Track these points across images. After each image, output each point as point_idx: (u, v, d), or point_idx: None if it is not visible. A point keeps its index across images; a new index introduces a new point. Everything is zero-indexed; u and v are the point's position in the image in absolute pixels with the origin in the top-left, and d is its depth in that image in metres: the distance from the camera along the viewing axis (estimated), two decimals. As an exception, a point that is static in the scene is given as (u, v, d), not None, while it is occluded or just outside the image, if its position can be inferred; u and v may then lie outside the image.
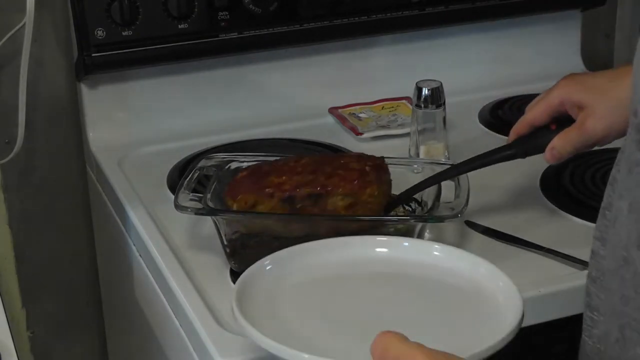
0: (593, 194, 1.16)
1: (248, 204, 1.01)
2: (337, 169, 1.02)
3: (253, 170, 1.05)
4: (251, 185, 1.02)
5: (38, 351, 1.53)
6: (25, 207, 1.45)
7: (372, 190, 1.00)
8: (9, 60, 1.36)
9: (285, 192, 1.00)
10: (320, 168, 1.02)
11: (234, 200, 1.01)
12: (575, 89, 1.04)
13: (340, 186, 1.00)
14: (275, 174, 1.02)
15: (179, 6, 1.30)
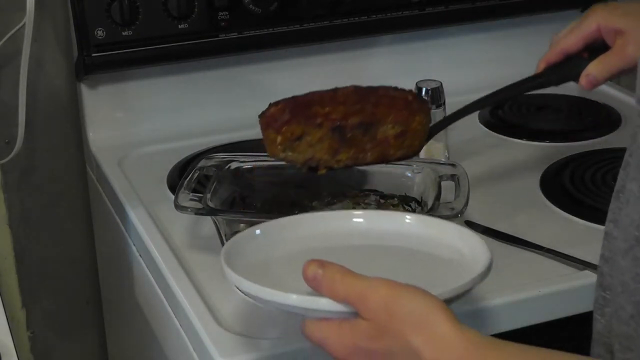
0: (593, 194, 1.16)
1: (294, 135, 0.96)
2: (380, 99, 0.98)
3: (290, 101, 0.99)
4: (295, 116, 0.96)
5: (38, 351, 1.53)
6: (25, 207, 1.45)
7: (420, 118, 0.98)
8: (9, 60, 1.36)
9: (334, 121, 0.96)
10: (363, 98, 0.98)
11: (277, 133, 0.96)
12: (612, 14, 1.03)
13: (390, 114, 0.97)
14: (319, 104, 0.97)
15: (179, 6, 1.30)
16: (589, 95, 1.50)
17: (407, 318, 0.70)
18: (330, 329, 0.74)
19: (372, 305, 0.71)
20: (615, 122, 1.40)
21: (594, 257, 1.01)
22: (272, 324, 0.95)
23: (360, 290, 0.72)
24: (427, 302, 0.71)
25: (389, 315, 0.70)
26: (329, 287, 0.73)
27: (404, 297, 0.71)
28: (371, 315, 0.71)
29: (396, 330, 0.70)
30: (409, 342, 0.69)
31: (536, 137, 1.35)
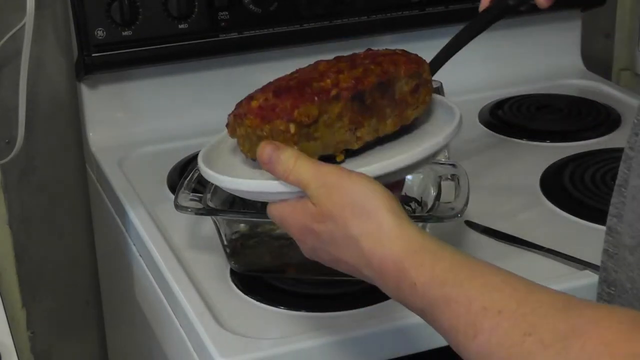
0: (593, 194, 1.16)
1: (311, 117, 0.82)
2: (376, 58, 0.89)
3: (271, 88, 0.87)
4: (302, 97, 0.83)
5: (38, 351, 1.53)
6: (25, 207, 1.45)
7: (426, 66, 0.94)
8: (9, 60, 1.36)
9: (352, 88, 0.84)
10: (360, 63, 0.88)
11: (289, 121, 0.81)
12: None
13: (400, 69, 0.88)
14: (315, 80, 0.85)
15: (179, 6, 1.30)
16: (589, 95, 1.50)
17: (347, 206, 0.73)
18: (286, 209, 0.78)
19: (319, 191, 0.75)
20: (615, 122, 1.40)
21: (594, 257, 1.01)
22: (272, 324, 0.95)
23: (309, 175, 0.76)
24: (370, 192, 0.73)
25: (332, 202, 0.74)
26: (282, 170, 0.77)
27: (348, 185, 0.74)
28: (317, 200, 0.75)
29: (337, 217, 0.73)
30: (349, 229, 0.72)
31: (536, 137, 1.35)
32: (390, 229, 0.71)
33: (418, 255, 0.70)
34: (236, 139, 0.88)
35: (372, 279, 0.73)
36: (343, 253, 0.74)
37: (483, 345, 0.63)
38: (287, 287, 1.00)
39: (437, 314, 0.68)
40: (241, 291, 1.00)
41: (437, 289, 0.67)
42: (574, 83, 1.56)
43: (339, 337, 0.91)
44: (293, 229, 0.78)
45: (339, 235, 0.74)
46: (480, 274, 0.67)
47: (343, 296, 0.98)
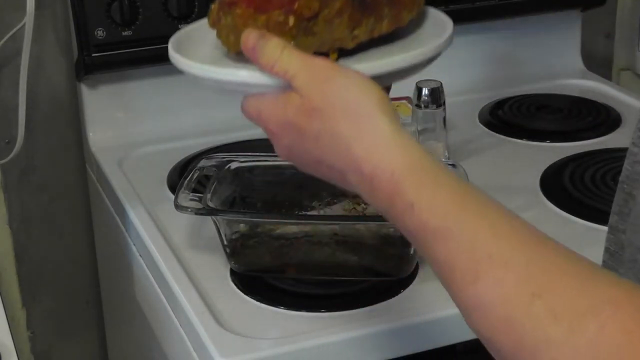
0: (593, 194, 1.16)
1: (312, 10, 0.77)
2: None
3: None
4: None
5: (38, 351, 1.53)
6: (25, 207, 1.45)
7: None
8: (9, 60, 1.36)
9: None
10: None
11: (288, 13, 0.76)
12: None
13: None
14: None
15: (179, 6, 1.30)
16: (589, 95, 1.50)
17: (339, 103, 0.67)
18: (265, 101, 0.73)
19: (308, 83, 0.69)
20: (615, 122, 1.40)
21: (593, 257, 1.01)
22: (272, 324, 0.95)
23: (297, 65, 0.70)
24: (365, 90, 0.68)
25: (322, 97, 0.68)
26: (267, 59, 0.71)
27: (341, 81, 0.68)
28: (305, 92, 0.69)
29: (326, 113, 0.68)
30: (339, 129, 0.67)
31: (536, 137, 1.35)
32: (387, 135, 0.65)
33: (419, 174, 0.64)
34: (216, 31, 0.82)
35: (357, 187, 0.67)
36: (327, 154, 0.69)
37: (483, 294, 0.58)
38: (287, 287, 1.00)
39: (431, 244, 0.62)
40: (241, 291, 1.00)
41: (437, 220, 0.62)
42: (574, 83, 1.56)
43: (339, 337, 0.91)
44: (271, 124, 0.73)
45: (326, 133, 0.68)
46: (486, 214, 0.62)
47: (343, 296, 0.98)
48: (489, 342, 0.59)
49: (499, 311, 0.58)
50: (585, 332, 0.53)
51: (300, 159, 0.73)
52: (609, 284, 0.57)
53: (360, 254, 1.00)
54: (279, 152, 0.74)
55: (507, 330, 0.57)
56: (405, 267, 1.00)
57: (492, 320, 0.58)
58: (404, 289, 0.98)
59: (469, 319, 0.61)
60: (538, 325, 0.55)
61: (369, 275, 1.01)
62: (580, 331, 0.54)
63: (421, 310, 0.95)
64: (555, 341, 0.54)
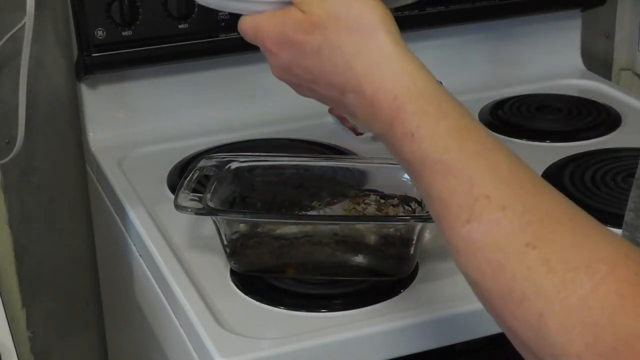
0: (593, 194, 1.16)
1: None
2: None
3: None
4: None
5: (38, 351, 1.53)
6: (25, 207, 1.45)
7: None
8: (9, 60, 1.36)
9: None
10: None
11: None
12: None
13: None
14: None
15: (179, 6, 1.30)
16: (589, 95, 1.50)
17: (342, 17, 0.66)
18: (263, 18, 0.70)
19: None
20: (615, 122, 1.40)
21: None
22: (272, 324, 0.95)
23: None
24: (369, 7, 0.66)
25: (325, 11, 0.66)
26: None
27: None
28: (306, 7, 0.67)
29: (329, 27, 0.66)
30: (341, 45, 0.65)
31: (536, 137, 1.35)
32: (391, 56, 0.64)
33: (423, 100, 0.62)
34: None
35: (355, 107, 0.66)
36: (327, 71, 0.67)
37: (475, 236, 0.57)
38: (287, 287, 1.00)
39: (428, 178, 0.61)
40: (241, 291, 1.00)
41: (437, 153, 0.60)
42: (574, 83, 1.56)
43: (339, 337, 0.91)
44: (268, 41, 0.70)
45: (328, 48, 0.66)
46: (488, 153, 0.61)
47: (343, 296, 0.98)
48: (476, 285, 0.58)
49: (490, 255, 0.57)
50: (577, 288, 0.52)
51: (297, 77, 0.70)
52: (606, 242, 0.55)
53: (360, 254, 1.01)
54: (275, 72, 0.72)
55: (497, 276, 0.56)
56: (405, 267, 1.00)
57: (482, 263, 0.57)
58: (404, 289, 0.98)
59: (457, 258, 0.59)
60: (530, 275, 0.54)
61: (369, 275, 1.01)
62: (572, 287, 0.52)
63: (421, 310, 0.95)
64: (545, 293, 0.53)
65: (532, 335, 0.54)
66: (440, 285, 0.99)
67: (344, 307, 0.96)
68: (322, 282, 1.00)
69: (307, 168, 1.10)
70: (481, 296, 0.58)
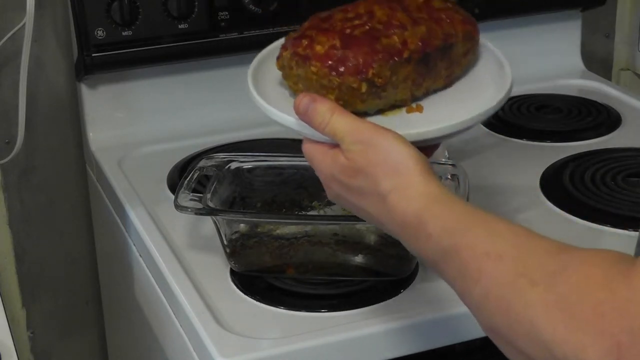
0: (593, 194, 1.16)
1: (385, 79, 0.84)
2: (434, 14, 0.90)
3: (345, 34, 0.85)
4: (374, 53, 0.84)
5: (38, 351, 1.53)
6: (25, 207, 1.45)
7: (477, 27, 0.94)
8: (9, 60, 1.36)
9: (421, 50, 0.86)
10: (419, 17, 0.88)
11: (363, 80, 0.83)
12: None
13: (457, 29, 0.91)
14: (383, 35, 0.85)
15: (179, 6, 1.30)
16: (589, 95, 1.50)
17: (380, 165, 0.77)
18: (317, 152, 0.83)
19: (353, 146, 0.79)
20: (615, 122, 1.40)
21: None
22: (272, 324, 0.95)
23: (345, 129, 0.80)
24: (402, 151, 0.77)
25: (366, 160, 0.78)
26: (319, 122, 0.81)
27: (384, 145, 0.78)
28: (350, 155, 0.79)
29: (369, 173, 0.78)
30: (379, 185, 0.77)
31: (536, 137, 1.35)
32: (417, 187, 0.75)
33: (435, 207, 0.74)
34: (282, 74, 0.90)
35: (393, 232, 0.78)
36: (368, 205, 0.79)
37: (483, 288, 0.66)
38: (287, 287, 1.00)
39: (447, 263, 0.71)
40: (241, 291, 1.00)
41: (448, 239, 0.71)
42: (574, 83, 1.56)
43: (339, 337, 0.91)
44: (321, 174, 0.83)
45: (368, 190, 0.78)
46: (484, 221, 0.71)
47: (343, 296, 0.98)
48: (493, 331, 0.66)
49: (494, 294, 0.65)
50: (556, 286, 0.61)
51: (346, 204, 0.84)
52: (580, 251, 0.64)
53: (360, 254, 1.01)
54: (328, 196, 0.85)
55: (501, 311, 0.64)
56: (405, 267, 1.00)
57: (491, 306, 0.65)
58: (404, 289, 0.98)
59: (479, 316, 0.68)
60: (519, 294, 0.63)
61: (369, 275, 1.01)
62: (552, 287, 0.61)
63: (421, 310, 0.95)
64: (532, 302, 0.62)
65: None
66: (440, 285, 0.99)
67: (344, 307, 0.96)
68: (322, 282, 1.00)
69: (307, 168, 1.09)
70: (499, 340, 0.66)
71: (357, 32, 0.85)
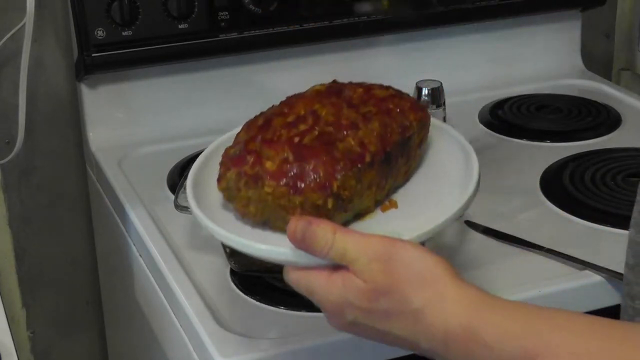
0: (593, 194, 1.16)
1: (351, 190, 0.75)
2: (382, 105, 0.82)
3: (293, 142, 0.76)
4: (333, 162, 0.74)
5: (38, 351, 1.53)
6: (25, 207, 1.45)
7: (425, 110, 0.85)
8: (9, 60, 1.36)
9: (380, 154, 0.78)
10: (368, 111, 0.80)
11: (329, 195, 0.74)
12: None
13: (412, 119, 0.82)
14: (338, 139, 0.76)
15: (179, 6, 1.30)
16: (589, 95, 1.50)
17: (406, 280, 0.67)
18: (317, 279, 0.71)
19: (370, 266, 0.68)
20: (615, 122, 1.40)
21: (593, 257, 1.01)
22: (272, 324, 0.95)
23: (355, 249, 0.69)
24: (425, 259, 0.68)
25: (389, 278, 0.68)
26: (321, 247, 0.69)
27: (403, 257, 0.68)
28: (368, 276, 0.68)
29: (396, 292, 0.68)
30: (410, 304, 0.67)
31: (536, 137, 1.35)
32: (454, 296, 0.67)
33: (484, 312, 0.66)
34: (224, 195, 0.79)
35: (433, 351, 0.68)
36: (398, 327, 0.69)
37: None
38: (287, 287, 1.00)
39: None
40: (241, 291, 1.00)
41: (514, 344, 0.63)
42: (574, 83, 1.56)
43: (338, 337, 0.91)
44: (328, 303, 0.71)
45: (397, 310, 0.68)
46: (549, 318, 0.64)
47: (343, 296, 0.98)
48: None
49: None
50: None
51: (364, 332, 0.72)
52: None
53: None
54: (336, 327, 0.73)
55: None
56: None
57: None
58: (404, 289, 0.98)
59: None
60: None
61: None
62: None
63: (421, 310, 0.95)
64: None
65: None
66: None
67: (344, 307, 0.96)
68: (322, 282, 1.00)
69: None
70: None
71: (307, 140, 0.75)
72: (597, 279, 0.99)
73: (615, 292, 0.97)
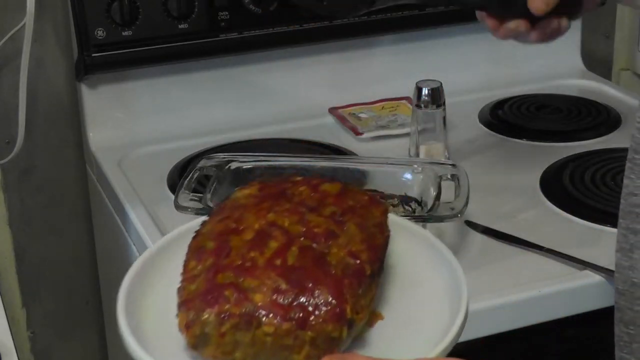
0: (593, 194, 1.16)
1: (365, 311, 0.64)
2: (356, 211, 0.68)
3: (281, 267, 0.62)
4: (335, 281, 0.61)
5: (38, 351, 1.53)
6: (25, 207, 1.45)
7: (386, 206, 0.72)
8: (9, 60, 1.36)
9: (375, 262, 0.65)
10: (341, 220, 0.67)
11: (343, 324, 0.61)
12: None
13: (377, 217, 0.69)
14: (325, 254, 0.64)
15: (179, 6, 1.30)
16: (589, 95, 1.50)
17: None
18: None
19: None
20: (615, 122, 1.40)
21: (593, 257, 1.01)
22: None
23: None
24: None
25: None
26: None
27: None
28: None
29: None
30: None
31: (536, 137, 1.35)
32: None
33: None
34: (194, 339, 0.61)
35: None
36: None
37: None
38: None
39: None
40: (241, 291, 0.99)
41: None
42: (574, 83, 1.56)
43: (339, 337, 0.91)
44: None
45: None
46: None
47: (343, 296, 0.98)
48: None
49: None
50: None
51: None
52: None
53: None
54: None
55: None
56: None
57: None
58: (404, 289, 0.98)
59: None
60: None
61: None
62: None
63: (421, 310, 0.95)
64: None
65: None
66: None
67: (344, 307, 0.95)
68: (322, 282, 0.99)
69: (307, 168, 1.10)
70: None
71: (292, 261, 0.62)
72: (597, 279, 0.99)
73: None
